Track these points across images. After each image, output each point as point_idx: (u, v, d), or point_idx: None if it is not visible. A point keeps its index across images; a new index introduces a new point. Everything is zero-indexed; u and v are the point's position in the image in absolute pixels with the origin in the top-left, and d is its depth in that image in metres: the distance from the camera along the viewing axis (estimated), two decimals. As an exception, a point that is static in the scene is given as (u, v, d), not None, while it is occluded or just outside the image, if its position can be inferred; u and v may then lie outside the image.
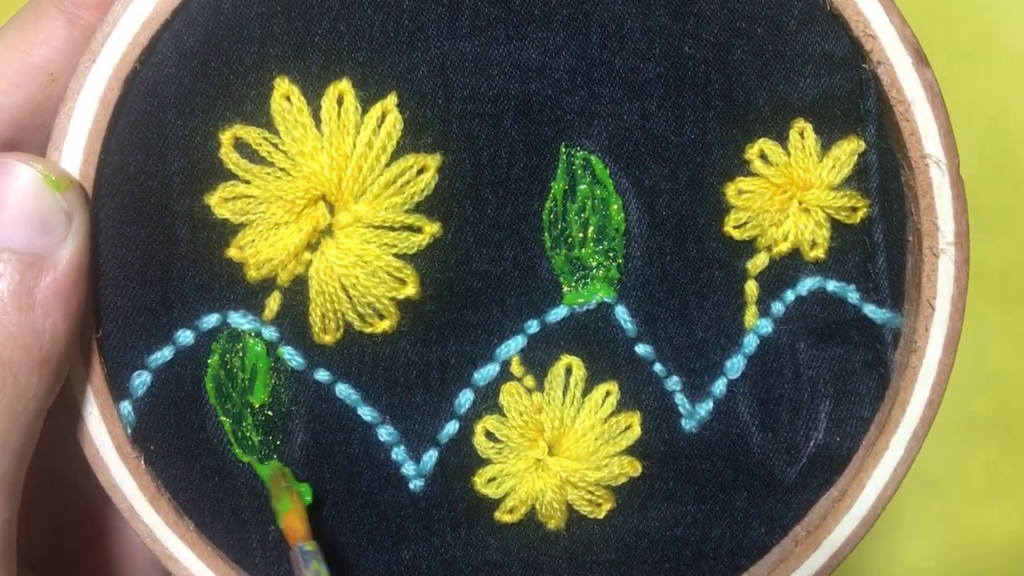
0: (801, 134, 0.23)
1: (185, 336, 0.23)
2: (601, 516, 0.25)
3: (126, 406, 0.23)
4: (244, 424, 0.24)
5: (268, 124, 0.22)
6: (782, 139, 0.23)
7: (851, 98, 0.23)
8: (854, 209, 0.24)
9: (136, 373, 0.23)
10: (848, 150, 0.23)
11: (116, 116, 0.22)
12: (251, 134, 0.22)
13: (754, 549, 0.25)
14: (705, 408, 0.25)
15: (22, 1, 0.23)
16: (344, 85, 0.22)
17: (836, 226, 0.24)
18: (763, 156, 0.23)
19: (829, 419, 0.25)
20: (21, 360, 0.21)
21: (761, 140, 0.23)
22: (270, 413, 0.24)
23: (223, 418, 0.24)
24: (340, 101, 0.22)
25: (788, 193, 0.23)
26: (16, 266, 0.21)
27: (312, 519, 0.24)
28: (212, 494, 0.24)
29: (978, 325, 0.51)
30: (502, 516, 0.25)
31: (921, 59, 0.23)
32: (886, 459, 0.25)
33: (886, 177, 0.23)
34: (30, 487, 0.23)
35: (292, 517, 0.22)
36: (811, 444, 0.25)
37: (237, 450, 0.24)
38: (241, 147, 0.22)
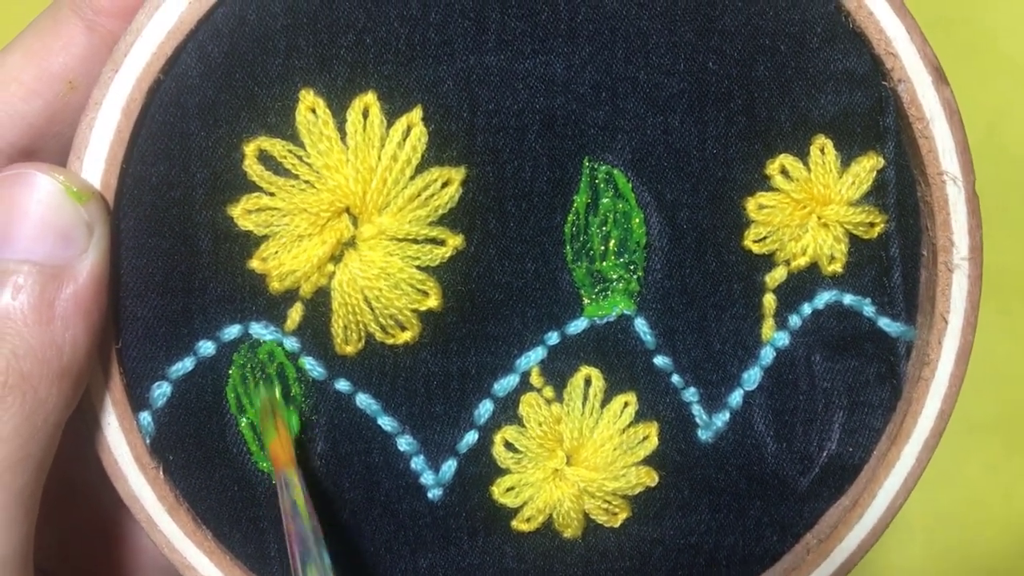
0: (822, 150, 0.23)
1: (206, 347, 0.23)
2: (617, 525, 0.25)
3: (145, 417, 0.23)
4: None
5: (293, 136, 0.22)
6: (803, 155, 0.23)
7: (871, 115, 0.23)
8: (872, 224, 0.24)
9: (156, 384, 0.23)
10: (867, 166, 0.23)
11: (139, 126, 0.22)
12: (276, 146, 0.22)
13: (766, 557, 0.26)
14: (721, 419, 0.25)
15: (21, 0, 0.23)
16: (370, 98, 0.22)
17: (854, 241, 0.24)
18: (784, 171, 0.23)
19: (842, 430, 0.25)
20: (41, 373, 0.21)
21: (782, 156, 0.23)
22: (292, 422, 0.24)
23: (243, 427, 0.24)
24: (366, 114, 0.22)
25: (808, 208, 0.24)
26: (37, 278, 0.20)
27: (331, 526, 0.25)
28: (231, 504, 0.24)
29: (980, 326, 0.54)
30: (519, 525, 0.25)
31: (941, 77, 0.23)
32: (897, 469, 0.25)
33: (903, 193, 0.24)
34: (46, 496, 0.22)
35: (276, 445, 0.22)
36: (824, 454, 0.25)
37: (257, 459, 0.24)
38: (265, 159, 0.22)
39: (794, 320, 0.24)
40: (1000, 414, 0.53)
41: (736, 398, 0.25)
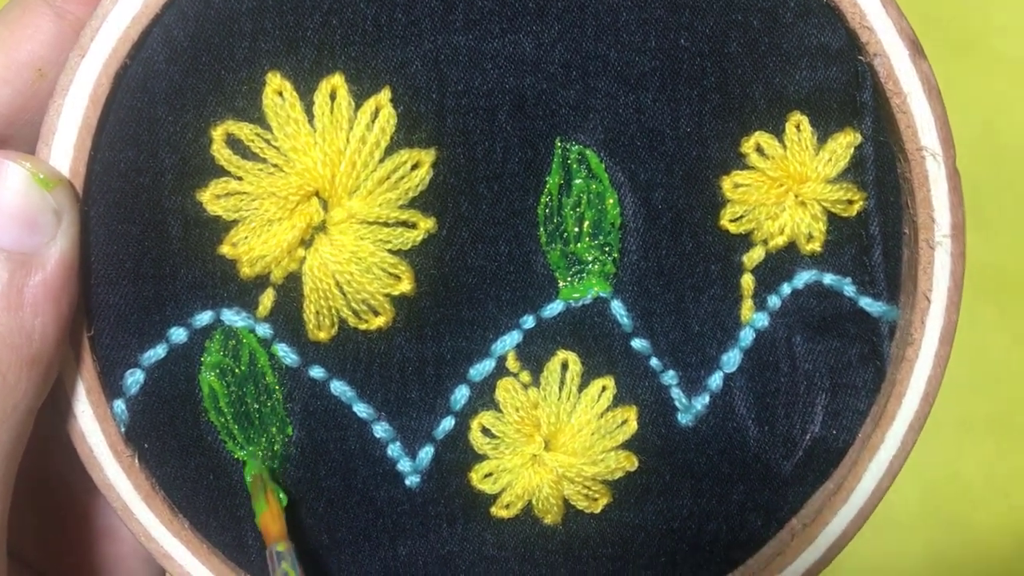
0: (797, 127, 0.23)
1: (178, 334, 0.23)
2: (598, 511, 0.25)
3: (119, 405, 0.23)
4: (238, 420, 0.24)
5: (260, 120, 0.22)
6: (778, 132, 0.23)
7: (847, 90, 0.23)
8: (850, 202, 0.23)
9: (129, 371, 0.23)
10: (844, 143, 0.23)
11: (106, 112, 0.22)
12: (243, 130, 0.22)
13: (751, 542, 0.25)
14: (701, 402, 0.24)
15: None
16: (337, 80, 0.22)
17: (832, 219, 0.24)
18: (759, 149, 0.23)
19: (825, 412, 0.25)
20: (10, 360, 0.21)
21: (757, 133, 0.23)
22: (265, 410, 0.24)
23: (215, 416, 0.24)
24: (333, 96, 0.22)
25: (784, 186, 0.23)
26: (5, 265, 0.20)
27: (308, 516, 0.24)
28: (207, 492, 0.24)
29: (975, 324, 0.53)
30: (498, 511, 0.25)
31: (918, 51, 0.22)
32: (882, 452, 0.25)
33: (882, 170, 0.23)
34: (21, 486, 0.22)
35: (267, 518, 0.22)
36: (807, 437, 0.25)
37: (231, 447, 0.24)
38: (233, 143, 0.22)
39: (773, 301, 0.24)
40: (998, 413, 0.54)
41: (716, 381, 0.24)
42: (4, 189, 0.21)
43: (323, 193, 0.22)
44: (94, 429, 0.23)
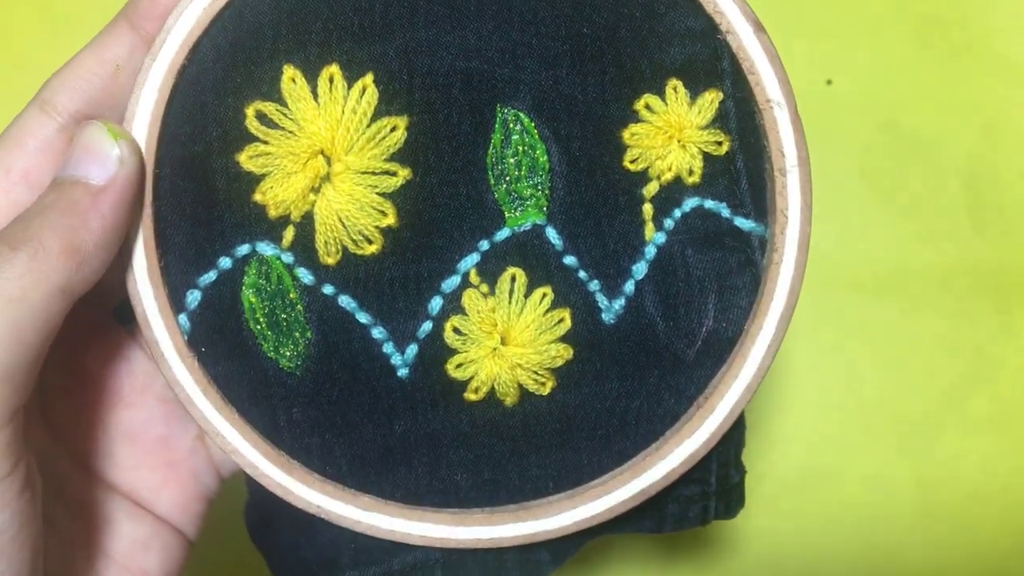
0: (675, 89, 0.31)
1: (225, 262, 0.31)
2: (546, 393, 0.32)
3: (183, 318, 0.31)
4: (270, 328, 0.31)
5: (280, 100, 0.30)
6: (661, 94, 0.31)
7: (711, 61, 0.31)
8: (719, 143, 0.31)
9: (189, 291, 0.31)
10: (710, 99, 0.31)
11: (171, 100, 0.30)
12: (268, 107, 0.30)
13: (667, 416, 0.32)
14: (619, 303, 0.32)
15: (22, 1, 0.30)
16: (334, 68, 0.30)
17: (707, 158, 0.31)
18: (648, 107, 0.31)
19: (716, 309, 0.32)
20: (54, 242, 0.26)
21: (646, 95, 0.31)
22: (290, 319, 0.31)
23: (253, 324, 0.31)
24: (331, 80, 0.30)
25: (668, 134, 0.31)
26: (71, 186, 0.28)
27: (325, 402, 0.32)
28: (249, 384, 0.31)
29: (974, 324, 0.55)
30: (469, 395, 0.32)
31: (759, 27, 0.30)
32: (761, 337, 0.32)
33: (742, 119, 0.31)
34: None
35: None
36: (704, 329, 0.32)
37: (266, 348, 0.31)
38: (261, 117, 0.30)
39: (668, 222, 0.32)
40: (997, 412, 0.55)
41: (629, 287, 0.32)
42: (84, 134, 0.28)
43: (327, 151, 0.30)
44: (164, 337, 0.31)
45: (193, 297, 0.31)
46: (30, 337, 0.26)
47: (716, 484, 0.36)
